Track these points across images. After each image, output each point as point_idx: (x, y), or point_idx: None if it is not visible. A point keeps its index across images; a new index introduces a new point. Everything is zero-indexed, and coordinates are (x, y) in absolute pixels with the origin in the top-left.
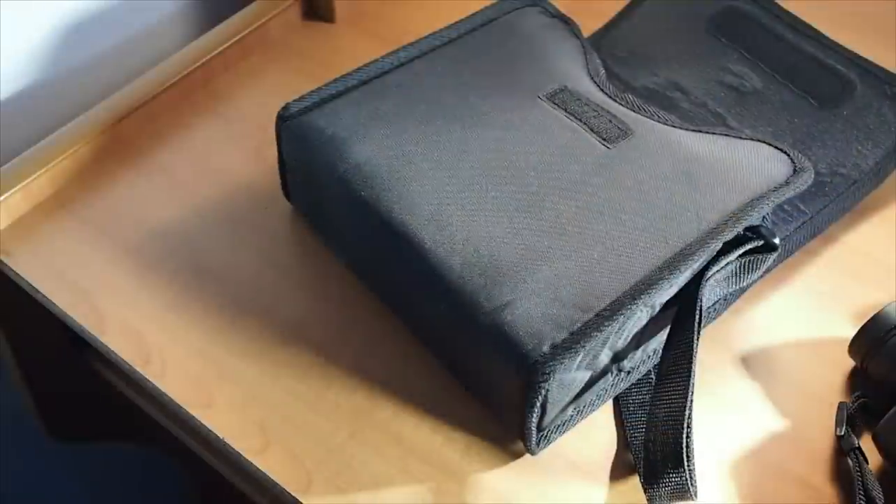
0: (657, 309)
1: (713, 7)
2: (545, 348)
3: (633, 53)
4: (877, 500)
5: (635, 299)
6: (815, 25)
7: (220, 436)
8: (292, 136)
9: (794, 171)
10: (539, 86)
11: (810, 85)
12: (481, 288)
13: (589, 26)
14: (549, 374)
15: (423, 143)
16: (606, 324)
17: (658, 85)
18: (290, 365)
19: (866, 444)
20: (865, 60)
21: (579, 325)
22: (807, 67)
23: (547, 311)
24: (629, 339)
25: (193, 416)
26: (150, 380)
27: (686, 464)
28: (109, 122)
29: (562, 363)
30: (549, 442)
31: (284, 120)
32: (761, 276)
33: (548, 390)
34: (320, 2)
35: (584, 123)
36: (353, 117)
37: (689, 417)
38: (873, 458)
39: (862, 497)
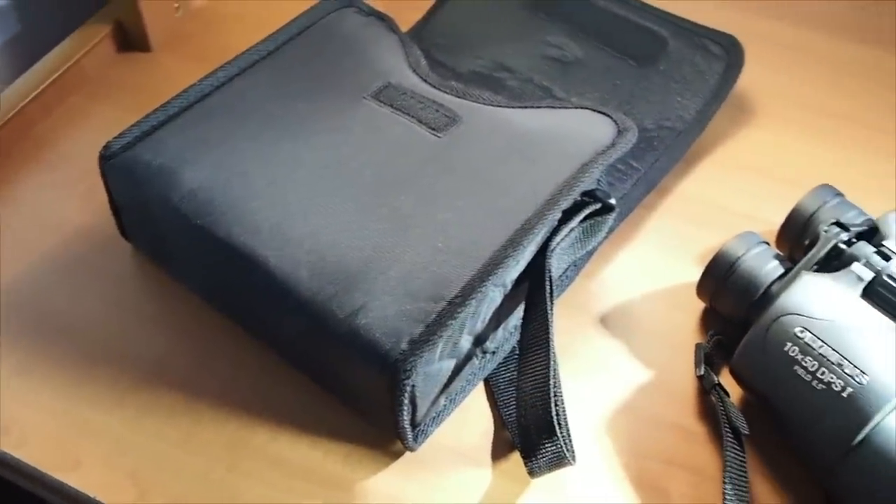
0: (509, 286)
1: None
2: (404, 345)
3: (455, 40)
4: (741, 430)
5: (484, 281)
6: None
7: (92, 495)
8: (118, 175)
9: (619, 132)
10: (363, 86)
11: (627, 47)
12: (332, 296)
13: (410, 19)
14: (411, 369)
15: (256, 159)
16: (460, 310)
17: (484, 67)
18: (155, 408)
19: (726, 379)
20: (674, 16)
21: (434, 316)
22: (621, 30)
23: (401, 308)
24: (487, 320)
25: (62, 481)
26: (10, 451)
27: (559, 431)
28: None
29: (422, 357)
30: (426, 435)
31: (107, 159)
32: (606, 237)
33: (414, 385)
34: (133, 32)
35: (412, 116)
36: (180, 145)
37: (556, 386)
38: (735, 391)
39: (727, 429)
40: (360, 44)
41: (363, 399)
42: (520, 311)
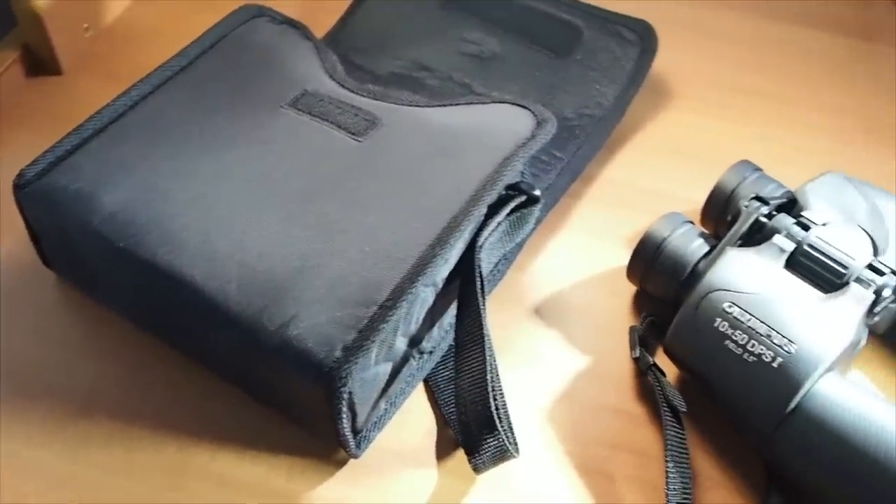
0: (441, 285)
1: None
2: (337, 352)
3: (373, 42)
4: (679, 408)
5: (414, 282)
6: None
7: None
8: (34, 203)
9: (538, 123)
10: (280, 95)
11: (543, 38)
12: (262, 309)
13: (327, 23)
14: (346, 376)
15: (177, 177)
16: (392, 313)
17: (403, 68)
18: (91, 438)
19: (662, 359)
20: (587, 5)
21: (366, 321)
22: (536, 23)
23: (332, 316)
24: (421, 320)
25: None
26: None
27: (499, 425)
28: None
29: (357, 363)
30: (369, 441)
31: (21, 188)
32: (534, 228)
33: (351, 392)
34: (42, 55)
35: (332, 122)
36: (97, 168)
37: (494, 381)
38: (671, 370)
39: (665, 408)
40: (275, 53)
41: (302, 410)
42: (454, 309)
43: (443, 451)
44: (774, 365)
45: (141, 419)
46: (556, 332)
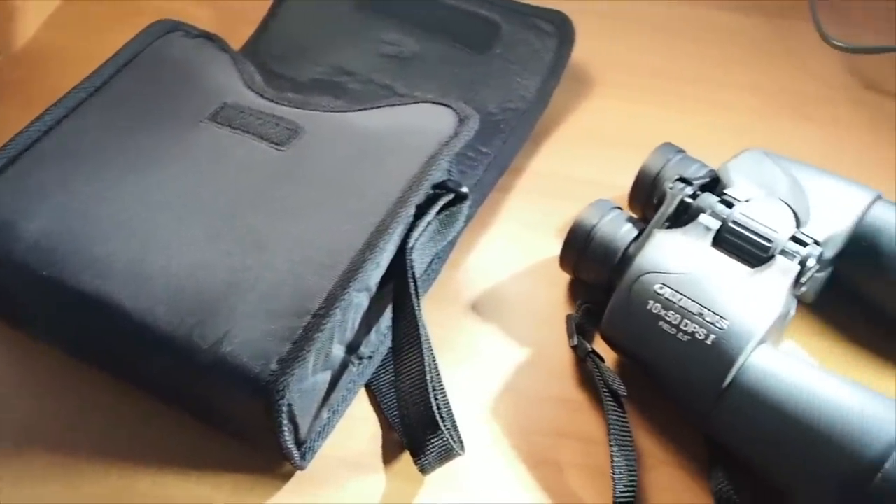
0: (374, 289)
1: None
2: (273, 366)
3: (292, 49)
4: (619, 392)
5: (346, 289)
6: None
7: None
8: None
9: (460, 120)
10: (199, 109)
11: (461, 35)
12: (193, 328)
13: (244, 33)
14: (284, 389)
15: (99, 200)
16: (325, 321)
17: (323, 73)
18: (30, 474)
19: (600, 344)
20: (503, 0)
21: (300, 331)
22: (454, 20)
23: (266, 329)
24: (357, 326)
25: None
26: None
27: (442, 425)
28: None
29: (293, 374)
30: (314, 451)
31: None
32: (465, 225)
33: (290, 404)
34: None
35: (253, 134)
36: (14, 196)
37: (434, 381)
38: (609, 355)
39: (606, 393)
40: (191, 67)
41: (243, 425)
42: (390, 312)
43: (389, 454)
44: (708, 342)
45: (81, 450)
46: (495, 326)
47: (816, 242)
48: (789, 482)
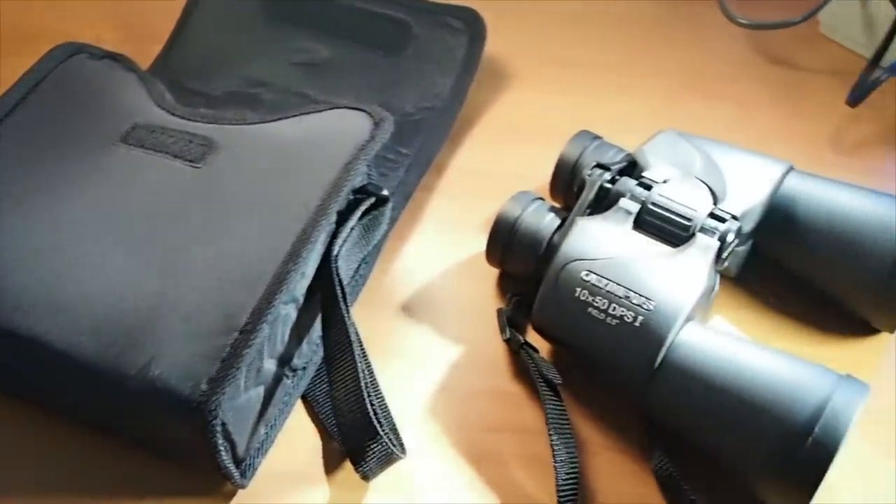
0: (301, 300)
1: None
2: (203, 386)
3: (203, 64)
4: (554, 381)
5: (272, 302)
6: None
7: None
8: None
9: (375, 123)
10: (110, 132)
11: (374, 38)
12: (119, 355)
13: (153, 51)
14: (216, 408)
15: (14, 232)
16: (253, 337)
17: (238, 86)
18: None
19: (533, 335)
20: (412, 0)
21: (228, 349)
22: (365, 23)
23: (193, 350)
24: (287, 339)
25: None
26: None
27: (380, 430)
28: None
29: (224, 393)
30: (254, 469)
31: None
32: (390, 228)
33: (224, 423)
34: None
35: (167, 153)
36: None
37: (369, 386)
38: (543, 345)
39: (542, 383)
40: (99, 89)
41: (180, 449)
42: (320, 322)
43: (331, 464)
44: (636, 324)
45: (16, 490)
46: (427, 326)
47: (734, 217)
48: (726, 455)
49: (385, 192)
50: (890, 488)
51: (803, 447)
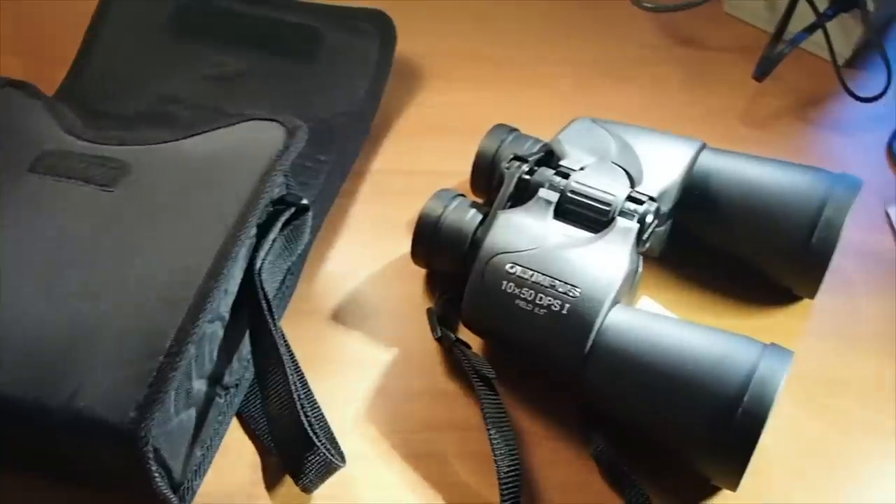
0: (227, 317)
1: (164, 12)
2: (132, 413)
3: (113, 85)
4: (488, 375)
5: (196, 321)
6: None
7: None
8: None
9: (288, 133)
10: (18, 161)
11: (283, 48)
12: (42, 389)
13: (57, 77)
14: (146, 435)
15: None
16: (179, 358)
17: (150, 105)
18: None
19: (465, 332)
20: (320, 5)
21: (154, 373)
22: (273, 33)
23: (118, 377)
24: (216, 357)
25: None
26: None
27: (317, 441)
28: None
29: (153, 418)
30: (193, 491)
31: None
32: (314, 237)
33: (157, 448)
34: None
35: (78, 179)
36: None
37: (302, 398)
38: (475, 340)
39: (476, 379)
40: (7, 120)
41: (114, 479)
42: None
43: (271, 480)
44: (564, 312)
45: None
46: (358, 332)
47: (652, 199)
48: (663, 432)
49: (305, 201)
50: (818, 447)
51: (735, 417)
